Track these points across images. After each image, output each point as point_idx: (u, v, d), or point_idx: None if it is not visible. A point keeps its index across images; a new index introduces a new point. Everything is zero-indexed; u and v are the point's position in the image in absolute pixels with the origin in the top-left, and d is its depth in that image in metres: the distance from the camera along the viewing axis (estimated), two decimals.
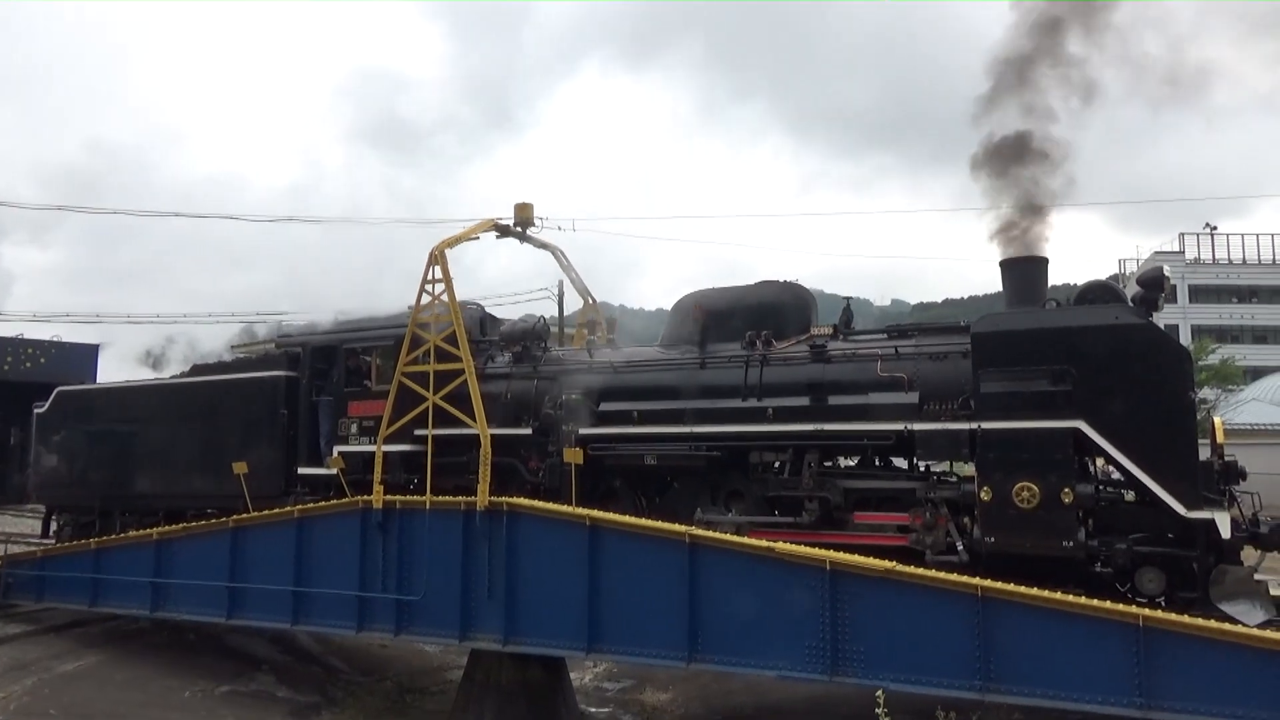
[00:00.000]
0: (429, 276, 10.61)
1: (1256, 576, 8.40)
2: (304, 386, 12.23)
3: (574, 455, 9.19)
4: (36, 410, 14.84)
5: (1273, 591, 9.60)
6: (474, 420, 10.21)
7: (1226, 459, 8.06)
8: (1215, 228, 66.94)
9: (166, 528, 12.26)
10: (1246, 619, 7.45)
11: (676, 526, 8.85)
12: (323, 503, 11.09)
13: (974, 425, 8.22)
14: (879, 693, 7.15)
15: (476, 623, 9.85)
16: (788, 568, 8.26)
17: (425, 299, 10.67)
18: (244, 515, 11.47)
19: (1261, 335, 64.41)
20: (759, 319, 10.16)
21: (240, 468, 11.67)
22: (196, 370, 13.67)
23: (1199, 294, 63.89)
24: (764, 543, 8.46)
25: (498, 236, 12.01)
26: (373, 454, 10.90)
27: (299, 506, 11.15)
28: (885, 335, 9.64)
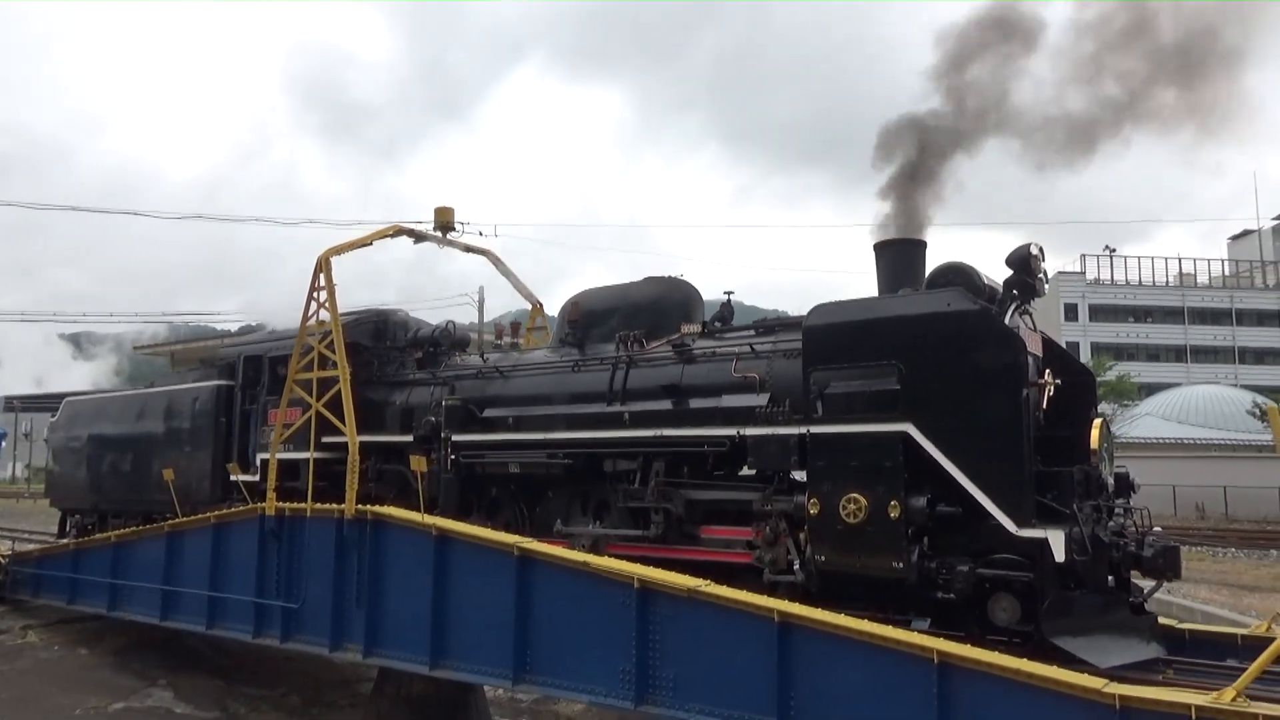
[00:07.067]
0: (317, 284, 10.61)
1: (1148, 608, 7.14)
2: (237, 395, 12.54)
3: (419, 463, 8.89)
4: (50, 419, 15.99)
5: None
6: (361, 427, 10.11)
7: (1090, 470, 6.85)
8: (1115, 250, 69.27)
9: (123, 530, 12.84)
10: (1095, 659, 6.29)
11: (507, 537, 8.39)
12: (231, 509, 11.28)
13: (803, 430, 7.37)
14: None
15: (346, 633, 9.67)
16: (604, 583, 7.63)
17: (313, 306, 10.67)
18: (177, 520, 11.83)
19: (1155, 353, 66.67)
20: (637, 318, 9.57)
21: (169, 474, 12.05)
22: (160, 380, 14.32)
23: (1098, 313, 66.25)
24: (581, 556, 7.89)
25: (414, 241, 11.89)
26: (293, 460, 11.03)
27: (215, 513, 11.38)
28: (753, 332, 8.84)
